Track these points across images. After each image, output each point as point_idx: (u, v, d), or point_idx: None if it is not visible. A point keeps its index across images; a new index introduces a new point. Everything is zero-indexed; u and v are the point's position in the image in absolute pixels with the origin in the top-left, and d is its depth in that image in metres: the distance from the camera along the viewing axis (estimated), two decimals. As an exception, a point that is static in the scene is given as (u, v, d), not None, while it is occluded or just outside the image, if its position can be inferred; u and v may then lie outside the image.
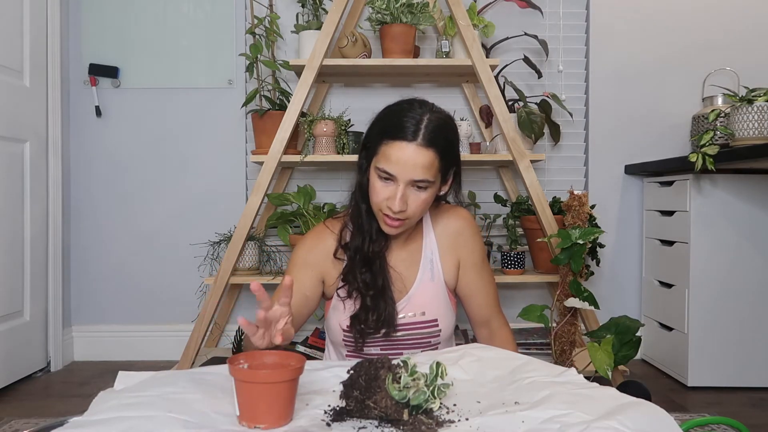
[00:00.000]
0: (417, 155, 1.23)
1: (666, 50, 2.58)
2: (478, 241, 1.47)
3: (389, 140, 1.25)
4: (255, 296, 0.93)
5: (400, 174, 1.24)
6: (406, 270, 1.41)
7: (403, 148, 1.23)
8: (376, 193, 1.28)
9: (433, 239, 1.43)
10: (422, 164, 1.24)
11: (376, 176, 1.28)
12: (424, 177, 1.25)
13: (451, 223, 1.44)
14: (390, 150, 1.24)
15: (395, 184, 1.26)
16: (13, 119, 2.18)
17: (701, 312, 2.16)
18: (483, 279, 1.47)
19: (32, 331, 2.30)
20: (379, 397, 0.83)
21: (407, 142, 1.24)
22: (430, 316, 1.40)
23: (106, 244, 2.58)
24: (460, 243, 1.44)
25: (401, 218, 1.28)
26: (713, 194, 2.14)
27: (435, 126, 1.26)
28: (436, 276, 1.42)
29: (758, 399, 2.06)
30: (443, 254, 1.43)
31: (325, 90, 2.56)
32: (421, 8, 2.17)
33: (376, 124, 1.32)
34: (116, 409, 0.84)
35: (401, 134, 1.24)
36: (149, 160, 2.58)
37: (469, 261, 1.45)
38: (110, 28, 2.55)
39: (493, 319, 1.49)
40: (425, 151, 1.24)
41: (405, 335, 1.39)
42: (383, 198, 1.27)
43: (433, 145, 1.25)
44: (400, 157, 1.23)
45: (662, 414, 0.83)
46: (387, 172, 1.25)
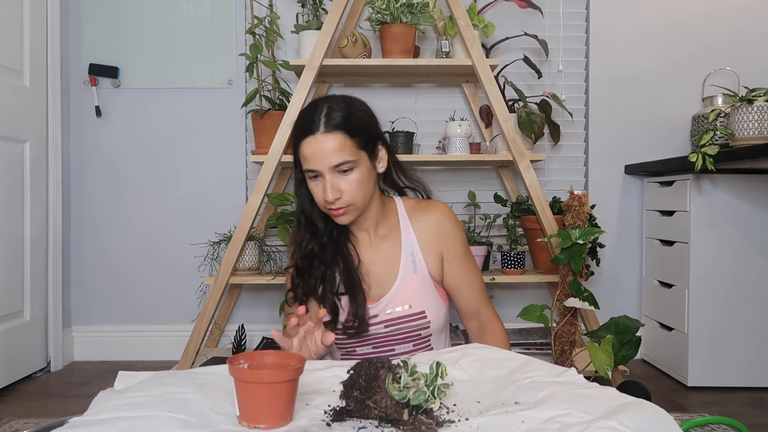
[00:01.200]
0: (323, 142, 1.29)
1: (666, 50, 2.58)
2: (459, 232, 1.48)
3: (299, 141, 1.32)
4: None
5: (319, 165, 1.30)
6: (387, 267, 1.42)
7: (311, 142, 1.30)
8: (314, 192, 1.34)
9: (412, 233, 1.44)
10: (332, 148, 1.29)
11: (309, 179, 1.34)
12: (340, 159, 1.29)
13: (430, 216, 1.45)
14: (303, 149, 1.31)
15: (320, 179, 1.32)
16: (13, 119, 2.18)
17: (701, 312, 2.16)
18: (467, 270, 1.48)
19: (32, 331, 2.30)
20: (379, 397, 0.83)
21: (312, 136, 1.30)
22: (417, 308, 1.40)
23: (106, 244, 2.58)
24: (441, 236, 1.45)
25: (342, 206, 1.33)
26: (713, 194, 2.14)
27: (332, 111, 1.32)
28: (419, 268, 1.42)
29: (758, 399, 2.06)
30: (424, 247, 1.44)
31: (325, 90, 2.56)
32: (421, 8, 2.17)
33: (293, 131, 1.38)
34: (116, 409, 0.84)
35: (305, 131, 1.31)
36: (149, 159, 2.58)
37: (452, 253, 1.46)
38: (110, 28, 2.55)
39: (482, 311, 1.49)
40: (330, 136, 1.30)
41: (395, 330, 1.40)
42: (321, 195, 1.33)
43: (335, 128, 1.30)
44: (311, 151, 1.30)
45: (662, 414, 0.83)
46: (310, 169, 1.32)
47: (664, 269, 2.37)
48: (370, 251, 1.44)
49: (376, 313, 1.40)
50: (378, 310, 1.40)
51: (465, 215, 2.49)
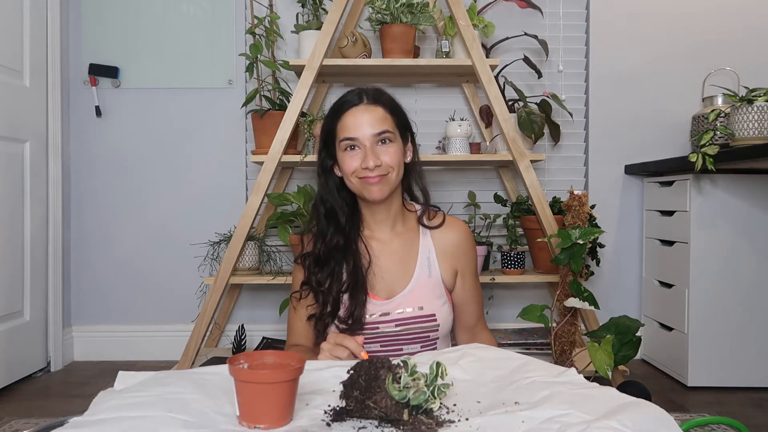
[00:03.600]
0: (367, 112, 1.37)
1: (666, 50, 2.58)
2: (474, 253, 1.56)
3: (341, 115, 1.39)
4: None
5: (361, 133, 1.36)
6: (402, 266, 1.45)
7: (354, 112, 1.38)
8: (348, 165, 1.38)
9: (430, 240, 1.48)
10: (376, 118, 1.37)
11: (343, 151, 1.38)
12: (382, 128, 1.37)
13: (452, 231, 1.51)
14: (345, 120, 1.37)
15: (362, 147, 1.36)
16: (13, 119, 2.19)
17: (701, 312, 2.16)
18: (476, 288, 1.55)
19: (32, 331, 2.30)
20: (379, 397, 0.83)
21: (355, 106, 1.38)
22: (428, 311, 1.43)
23: (106, 243, 2.58)
24: (459, 253, 1.50)
25: (381, 173, 1.36)
26: (713, 194, 2.14)
27: (375, 91, 1.42)
28: (434, 273, 1.46)
29: (758, 399, 2.06)
30: (440, 256, 1.48)
31: (325, 90, 2.56)
32: (421, 8, 2.17)
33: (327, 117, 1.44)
34: (116, 409, 0.84)
35: (347, 105, 1.39)
36: (149, 159, 2.58)
37: (467, 271, 1.52)
38: (110, 28, 2.55)
39: (477, 324, 1.57)
40: (373, 107, 1.38)
41: (404, 330, 1.41)
42: (356, 165, 1.36)
43: (379, 102, 1.40)
44: (354, 121, 1.36)
45: (662, 414, 0.83)
46: (349, 137, 1.36)
47: (664, 269, 2.37)
48: (387, 247, 1.46)
49: (388, 311, 1.41)
50: (390, 308, 1.41)
51: (465, 215, 2.49)
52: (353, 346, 1.16)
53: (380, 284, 1.43)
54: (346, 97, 1.41)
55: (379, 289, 1.43)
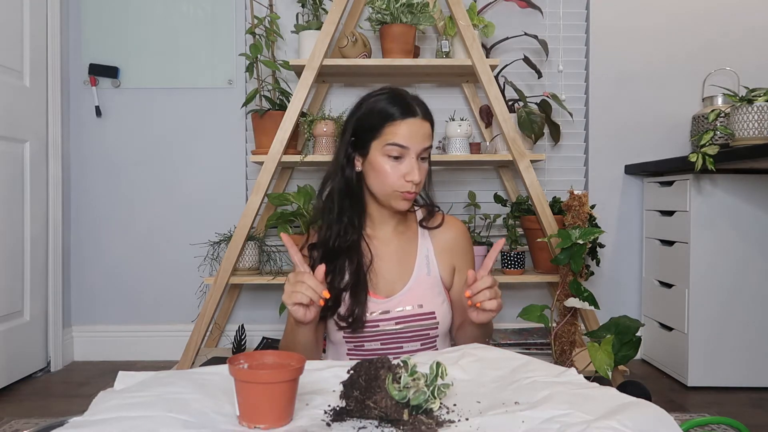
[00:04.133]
0: (422, 126, 1.38)
1: (666, 50, 2.58)
2: (471, 250, 1.57)
3: (395, 120, 1.36)
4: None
5: (414, 145, 1.36)
6: (401, 265, 1.46)
7: (410, 122, 1.36)
8: (388, 174, 1.37)
9: (428, 239, 1.50)
10: (427, 134, 1.39)
11: (385, 158, 1.37)
12: (429, 144, 1.40)
13: (449, 229, 1.52)
14: (399, 127, 1.36)
15: (408, 159, 1.36)
16: (13, 119, 2.19)
17: (701, 312, 2.16)
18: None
19: (32, 331, 2.30)
20: (379, 397, 0.83)
21: (413, 117, 1.37)
22: (427, 309, 1.44)
23: (106, 244, 2.58)
24: (456, 250, 1.52)
25: (416, 190, 1.39)
26: (713, 194, 2.14)
27: (422, 102, 1.43)
28: (432, 271, 1.47)
29: (758, 399, 2.06)
30: (439, 254, 1.49)
31: (325, 90, 2.56)
32: (421, 8, 2.17)
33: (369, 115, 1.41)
34: (116, 409, 0.84)
35: (403, 112, 1.37)
36: (149, 160, 2.58)
37: (464, 268, 1.51)
38: (110, 28, 2.55)
39: None
40: (425, 122, 1.40)
41: (404, 327, 1.42)
42: (398, 176, 1.36)
43: (427, 118, 1.41)
44: (410, 131, 1.36)
45: (662, 414, 0.83)
46: (402, 145, 1.35)
47: (664, 269, 2.37)
48: (387, 246, 1.47)
49: (388, 309, 1.41)
50: (390, 306, 1.42)
51: (465, 215, 2.49)
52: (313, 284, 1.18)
53: (381, 283, 1.44)
54: (398, 103, 1.39)
55: (380, 288, 1.43)
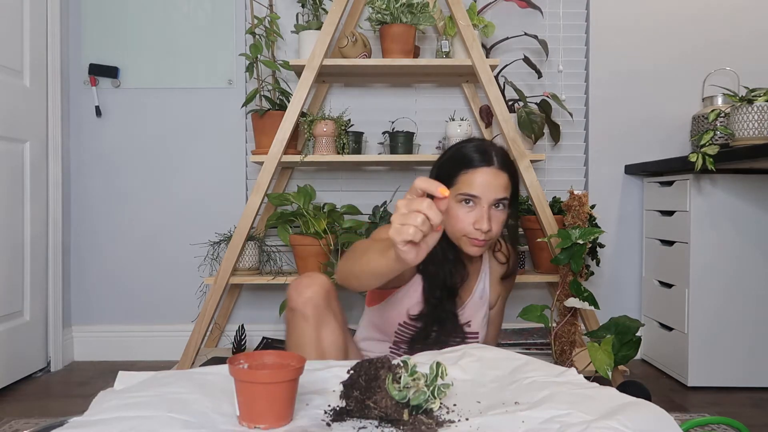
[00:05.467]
0: (497, 177, 1.43)
1: (666, 50, 2.58)
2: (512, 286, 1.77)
3: (469, 169, 1.43)
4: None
5: (485, 195, 1.42)
6: (466, 285, 1.58)
7: (485, 172, 1.43)
8: (459, 219, 1.44)
9: (488, 268, 1.65)
10: (501, 184, 1.44)
11: (459, 205, 1.44)
12: (504, 195, 1.44)
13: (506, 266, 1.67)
14: (473, 176, 1.43)
15: (478, 207, 1.43)
16: (13, 119, 2.19)
17: (701, 312, 2.16)
18: (502, 314, 1.76)
19: (32, 331, 2.30)
20: (379, 397, 0.83)
21: (487, 167, 1.43)
22: (474, 329, 1.59)
23: (106, 244, 2.58)
24: (505, 284, 1.70)
25: (486, 238, 1.43)
26: (713, 194, 2.14)
27: (503, 154, 1.49)
28: (484, 296, 1.63)
29: (758, 399, 2.06)
30: (493, 282, 1.66)
31: (325, 90, 2.56)
32: (421, 8, 2.17)
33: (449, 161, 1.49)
34: (116, 409, 0.84)
35: (481, 161, 1.44)
36: (149, 160, 2.58)
37: (502, 298, 1.71)
38: (110, 28, 2.55)
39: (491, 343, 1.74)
40: (502, 173, 1.44)
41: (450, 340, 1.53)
42: (468, 222, 1.43)
43: (505, 168, 1.46)
44: (483, 180, 1.42)
45: (662, 414, 0.83)
46: (472, 195, 1.42)
47: (664, 269, 2.37)
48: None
49: None
50: None
51: (465, 215, 2.49)
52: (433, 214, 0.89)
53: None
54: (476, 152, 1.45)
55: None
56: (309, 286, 1.38)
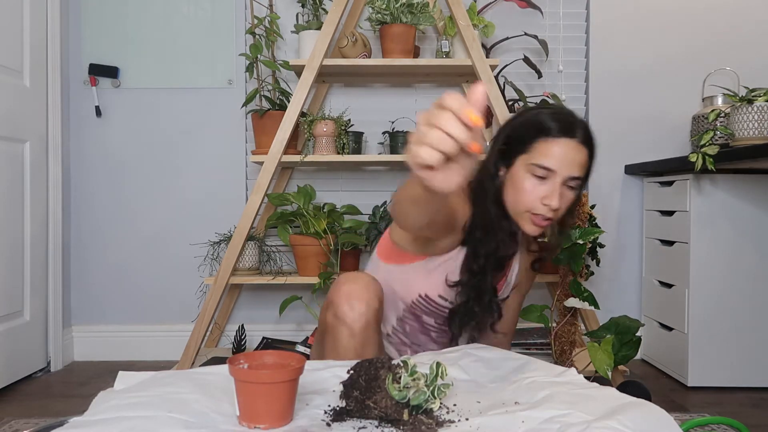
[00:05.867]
0: (577, 152, 1.26)
1: (666, 50, 2.58)
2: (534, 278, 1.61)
3: (549, 137, 1.25)
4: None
5: (561, 169, 1.25)
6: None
7: (566, 143, 1.25)
8: (526, 192, 1.27)
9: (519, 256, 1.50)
10: (580, 161, 1.27)
11: (528, 175, 1.27)
12: (579, 174, 1.27)
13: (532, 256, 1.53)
14: (551, 146, 1.25)
15: (550, 181, 1.26)
16: (13, 119, 2.18)
17: (701, 312, 2.16)
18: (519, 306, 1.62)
19: (32, 331, 2.30)
20: (379, 397, 0.83)
21: (569, 138, 1.25)
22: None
23: (106, 244, 2.58)
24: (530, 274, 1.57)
25: (552, 216, 1.28)
26: (713, 194, 2.14)
27: (586, 127, 1.30)
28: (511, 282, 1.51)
29: (758, 399, 2.06)
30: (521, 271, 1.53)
31: (325, 90, 2.56)
32: (421, 8, 2.17)
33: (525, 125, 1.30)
34: (116, 409, 0.84)
35: (564, 131, 1.26)
36: (149, 160, 2.58)
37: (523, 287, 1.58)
38: (110, 28, 2.55)
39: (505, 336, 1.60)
40: (582, 149, 1.27)
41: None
42: (536, 197, 1.26)
43: (587, 144, 1.28)
44: (563, 152, 1.25)
45: (662, 414, 0.83)
46: (547, 167, 1.25)
47: (664, 269, 2.37)
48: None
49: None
50: None
51: (465, 215, 2.49)
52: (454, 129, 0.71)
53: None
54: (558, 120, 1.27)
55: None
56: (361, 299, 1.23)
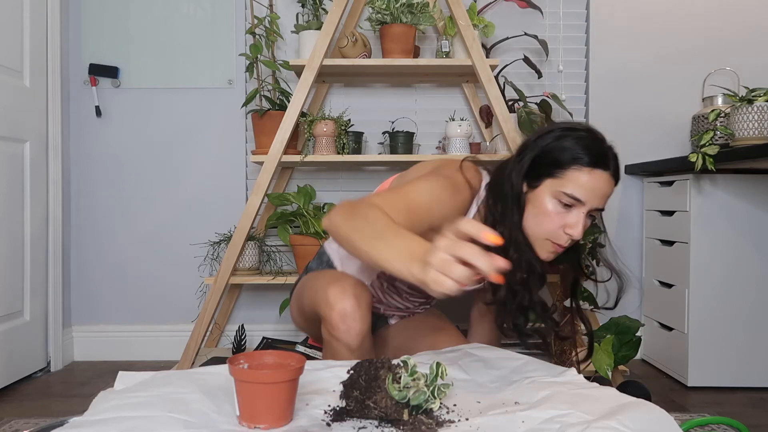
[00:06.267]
0: (608, 184, 1.25)
1: (666, 50, 2.58)
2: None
3: (585, 167, 1.23)
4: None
5: (590, 201, 1.23)
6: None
7: (599, 175, 1.23)
8: (550, 219, 1.25)
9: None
10: (607, 194, 1.26)
11: (555, 202, 1.24)
12: (603, 206, 1.27)
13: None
14: (584, 177, 1.22)
15: (576, 211, 1.24)
16: (13, 119, 2.18)
17: (701, 312, 2.16)
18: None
19: (32, 331, 2.30)
20: (379, 397, 0.83)
21: (603, 171, 1.24)
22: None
23: (106, 244, 2.58)
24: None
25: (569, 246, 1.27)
26: (713, 194, 2.14)
27: (616, 157, 1.29)
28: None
29: (758, 399, 2.06)
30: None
31: (325, 90, 2.56)
32: (421, 8, 2.17)
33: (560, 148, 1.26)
34: (116, 409, 0.84)
35: (601, 162, 1.24)
36: (149, 160, 2.58)
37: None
38: (110, 28, 2.55)
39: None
40: (611, 182, 1.26)
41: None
42: (558, 225, 1.24)
43: (616, 177, 1.28)
44: (594, 183, 1.22)
45: (662, 414, 0.83)
46: (576, 198, 1.23)
47: (664, 269, 2.37)
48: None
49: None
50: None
51: (465, 215, 2.49)
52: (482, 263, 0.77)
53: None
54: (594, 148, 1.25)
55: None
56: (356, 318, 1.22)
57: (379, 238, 0.94)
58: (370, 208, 1.03)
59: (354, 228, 0.99)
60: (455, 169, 1.31)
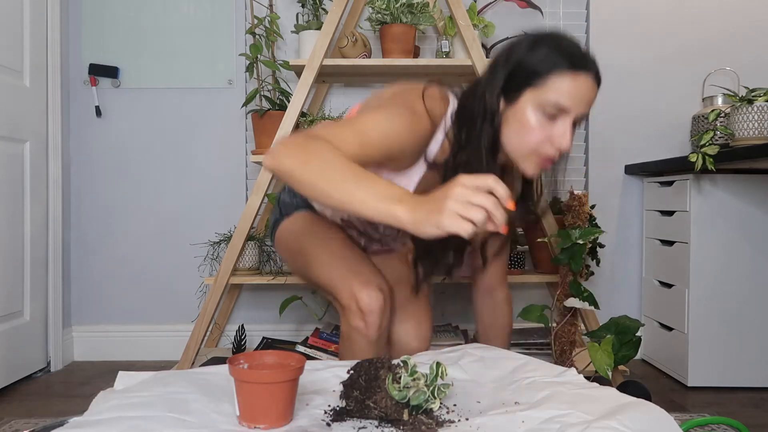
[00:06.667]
0: (592, 89, 1.16)
1: (666, 50, 2.58)
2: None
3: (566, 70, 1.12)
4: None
5: (576, 107, 1.14)
6: None
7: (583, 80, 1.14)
8: (534, 132, 1.14)
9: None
10: (592, 99, 1.17)
11: (538, 114, 1.14)
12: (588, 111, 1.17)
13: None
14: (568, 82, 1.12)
15: (561, 121, 1.14)
16: (13, 119, 2.19)
17: (701, 312, 2.16)
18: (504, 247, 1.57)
19: (32, 331, 2.30)
20: (379, 397, 0.83)
21: (585, 73, 1.14)
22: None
23: (106, 243, 2.58)
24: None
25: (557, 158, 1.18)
26: (713, 194, 2.14)
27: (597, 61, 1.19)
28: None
29: (758, 399, 2.06)
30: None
31: (325, 90, 2.56)
32: (421, 8, 2.17)
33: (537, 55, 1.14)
34: (116, 409, 0.84)
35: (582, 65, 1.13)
36: (149, 159, 2.58)
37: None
38: (110, 28, 2.55)
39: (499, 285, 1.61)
40: (595, 86, 1.17)
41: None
42: (544, 137, 1.14)
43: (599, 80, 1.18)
44: (579, 90, 1.13)
45: (662, 414, 0.83)
46: (562, 106, 1.13)
47: (664, 269, 2.37)
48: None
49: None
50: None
51: (465, 215, 2.49)
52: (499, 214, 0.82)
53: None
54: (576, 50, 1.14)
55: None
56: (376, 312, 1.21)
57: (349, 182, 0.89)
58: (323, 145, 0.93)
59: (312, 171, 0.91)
60: (416, 97, 1.19)
